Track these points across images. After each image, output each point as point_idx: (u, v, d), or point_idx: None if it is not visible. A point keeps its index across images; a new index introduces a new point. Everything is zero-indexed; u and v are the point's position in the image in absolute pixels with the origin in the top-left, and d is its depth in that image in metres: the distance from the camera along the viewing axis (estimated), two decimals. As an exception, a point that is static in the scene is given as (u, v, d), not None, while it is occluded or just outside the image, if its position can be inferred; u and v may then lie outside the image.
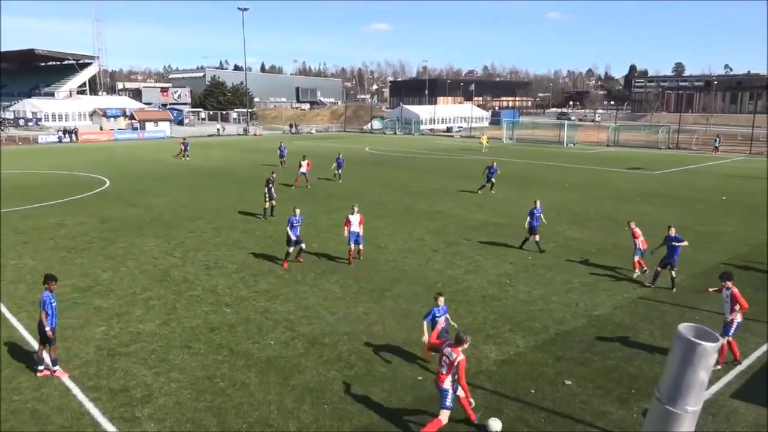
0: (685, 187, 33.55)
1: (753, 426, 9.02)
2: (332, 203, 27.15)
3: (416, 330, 12.45)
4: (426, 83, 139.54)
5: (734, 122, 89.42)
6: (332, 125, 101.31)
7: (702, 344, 2.48)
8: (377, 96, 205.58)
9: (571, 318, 13.33)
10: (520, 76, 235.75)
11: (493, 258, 18.14)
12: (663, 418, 2.64)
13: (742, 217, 24.62)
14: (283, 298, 14.47)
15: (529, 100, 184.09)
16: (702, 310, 13.87)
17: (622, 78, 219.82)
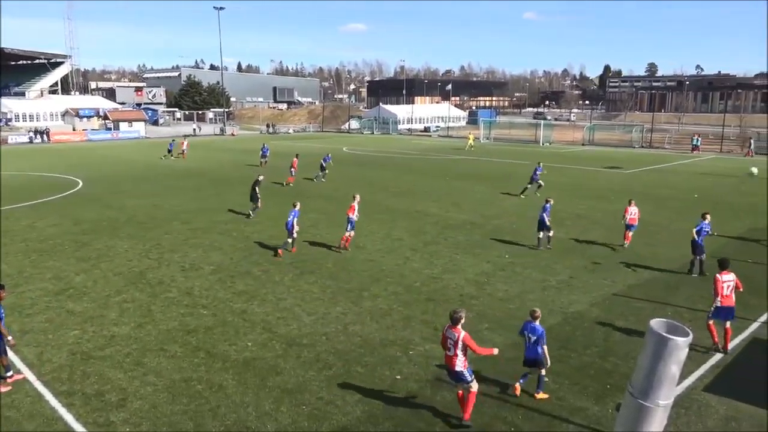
0: (658, 186, 34.11)
1: (723, 419, 9.21)
2: (310, 204, 27.04)
3: (394, 329, 12.48)
4: (403, 83, 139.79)
5: (705, 121, 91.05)
6: (310, 125, 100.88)
7: (673, 339, 2.52)
8: (355, 96, 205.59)
9: (548, 315, 13.44)
10: (496, 76, 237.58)
11: (471, 257, 18.24)
12: (635, 412, 2.69)
13: (713, 215, 25.03)
14: (260, 299, 14.37)
15: (506, 100, 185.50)
16: (674, 305, 14.11)
17: (596, 78, 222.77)
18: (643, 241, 20.33)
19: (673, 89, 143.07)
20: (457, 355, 8.66)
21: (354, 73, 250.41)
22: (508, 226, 22.68)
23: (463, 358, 8.70)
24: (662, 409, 2.54)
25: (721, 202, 28.43)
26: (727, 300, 11.69)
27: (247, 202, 24.87)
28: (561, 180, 36.14)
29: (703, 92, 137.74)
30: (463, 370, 8.74)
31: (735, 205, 27.38)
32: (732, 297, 11.74)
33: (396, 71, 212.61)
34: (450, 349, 8.72)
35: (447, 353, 8.80)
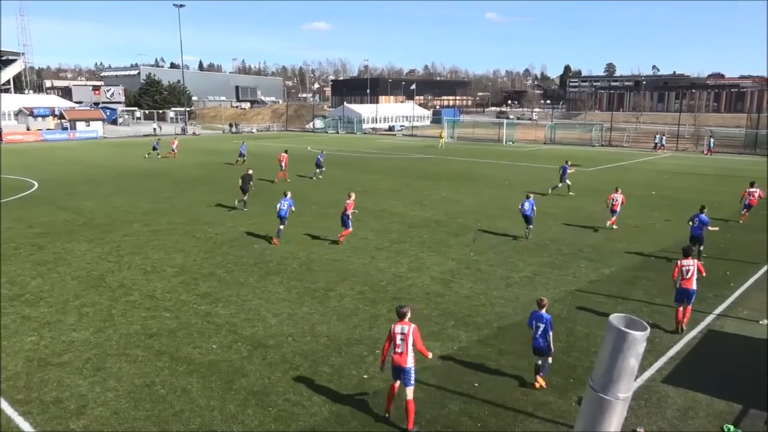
0: (617, 183, 34.85)
1: (682, 409, 9.49)
2: (274, 203, 26.79)
3: (361, 328, 12.48)
4: (368, 82, 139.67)
5: (662, 120, 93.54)
6: (273, 124, 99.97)
7: (631, 333, 2.59)
8: (319, 95, 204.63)
9: (512, 312, 13.66)
10: (460, 75, 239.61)
11: (436, 255, 18.37)
12: (596, 406, 2.75)
13: (669, 211, 25.86)
14: (225, 301, 14.19)
15: (469, 99, 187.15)
16: (634, 300, 14.49)
17: (557, 78, 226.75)
18: (604, 237, 20.81)
19: (630, 89, 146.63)
20: (408, 351, 8.71)
21: (318, 72, 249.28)
22: (473, 224, 22.91)
23: (413, 354, 8.76)
24: (622, 402, 2.62)
25: (678, 198, 29.29)
26: (686, 283, 12.52)
27: (208, 200, 24.52)
28: (524, 178, 36.67)
29: (659, 92, 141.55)
30: (412, 367, 8.76)
31: (692, 202, 28.21)
32: (692, 281, 12.53)
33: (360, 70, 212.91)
34: (400, 346, 8.72)
35: (396, 350, 8.74)
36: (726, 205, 26.76)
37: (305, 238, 20.39)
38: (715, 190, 32.07)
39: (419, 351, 8.85)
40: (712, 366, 11.08)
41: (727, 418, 9.23)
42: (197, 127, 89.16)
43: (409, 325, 8.81)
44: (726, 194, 29.13)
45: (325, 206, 26.24)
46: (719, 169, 42.91)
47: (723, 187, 32.77)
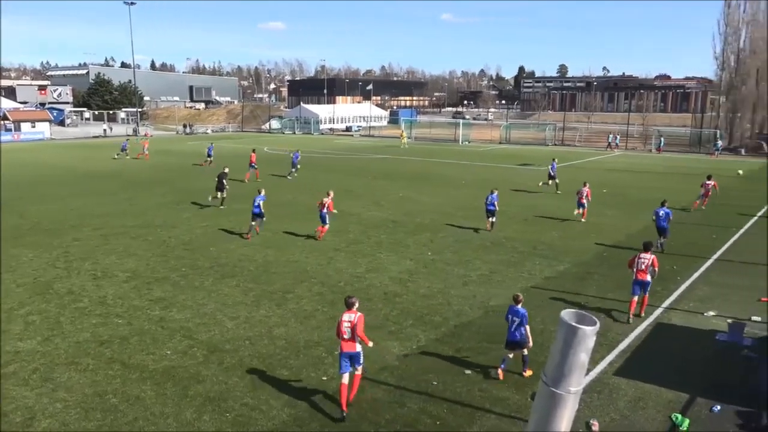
0: (570, 182, 35.70)
1: (633, 400, 9.78)
2: (232, 206, 26.42)
3: (319, 330, 12.41)
4: (324, 83, 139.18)
5: (612, 120, 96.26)
6: (229, 125, 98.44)
7: (582, 328, 2.66)
8: (275, 95, 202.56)
9: (470, 310, 13.82)
10: (416, 76, 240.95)
11: (394, 255, 18.43)
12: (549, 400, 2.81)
13: (620, 208, 26.64)
14: (179, 305, 13.90)
15: (426, 100, 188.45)
16: (586, 295, 14.85)
17: (511, 78, 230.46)
18: (557, 234, 21.27)
19: (582, 89, 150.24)
20: (355, 338, 9.22)
21: (274, 72, 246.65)
22: (430, 223, 23.08)
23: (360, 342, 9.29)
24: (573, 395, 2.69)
25: (629, 195, 30.17)
26: (641, 275, 13.23)
27: (162, 202, 23.98)
28: (479, 177, 37.14)
29: (609, 92, 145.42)
30: (360, 351, 9.34)
31: (641, 199, 29.13)
32: (646, 273, 13.20)
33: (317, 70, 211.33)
34: (347, 333, 9.23)
35: (344, 337, 9.25)
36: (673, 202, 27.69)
37: (262, 240, 20.15)
38: (664, 186, 33.13)
39: (359, 336, 9.24)
40: (660, 357, 11.45)
41: (675, 407, 9.55)
42: (150, 128, 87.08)
43: (356, 313, 9.40)
44: (673, 191, 30.12)
45: (280, 207, 26.01)
46: (666, 167, 44.42)
47: (671, 184, 33.91)
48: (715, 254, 18.80)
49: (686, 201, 27.34)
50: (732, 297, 14.78)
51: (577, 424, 8.86)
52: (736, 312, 13.65)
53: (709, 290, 15.34)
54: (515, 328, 10.35)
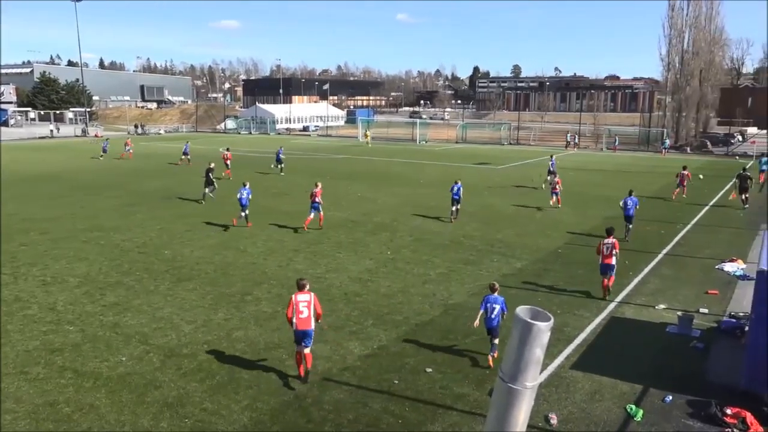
0: (526, 180, 36.42)
1: (589, 393, 10.05)
2: (185, 208, 25.95)
3: (279, 332, 12.32)
4: (280, 82, 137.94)
5: (564, 119, 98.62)
6: (182, 125, 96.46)
7: (536, 324, 2.73)
8: (230, 95, 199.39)
9: (429, 308, 13.95)
10: (373, 75, 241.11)
11: (354, 255, 18.43)
12: (506, 396, 2.87)
13: (574, 206, 27.28)
14: (134, 310, 13.57)
15: (383, 100, 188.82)
16: (544, 291, 15.18)
17: (467, 78, 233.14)
18: (514, 232, 21.66)
19: (535, 90, 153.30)
20: (311, 316, 10.06)
21: (228, 72, 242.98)
22: (389, 223, 23.17)
23: (313, 318, 10.11)
24: (530, 390, 2.75)
25: (580, 193, 30.94)
26: (606, 259, 14.48)
27: (114, 205, 23.35)
28: (437, 177, 37.48)
29: (561, 92, 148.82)
30: (313, 329, 10.16)
31: (592, 196, 29.93)
32: (611, 257, 14.42)
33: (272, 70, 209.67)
34: (303, 312, 10.01)
35: (300, 316, 9.99)
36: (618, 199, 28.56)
37: (220, 242, 19.86)
38: (614, 184, 34.10)
39: (318, 314, 10.22)
40: (615, 350, 11.80)
41: (629, 398, 9.87)
42: (99, 128, 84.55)
43: (309, 293, 10.20)
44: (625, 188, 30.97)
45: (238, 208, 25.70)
46: (618, 165, 45.74)
47: (622, 182, 34.88)
48: (664, 249, 19.47)
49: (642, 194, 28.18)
50: (681, 290, 15.35)
51: (536, 418, 9.08)
52: (685, 304, 14.19)
53: (659, 284, 15.89)
54: (495, 315, 10.90)
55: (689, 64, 63.69)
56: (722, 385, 10.24)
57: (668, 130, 62.37)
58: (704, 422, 9.16)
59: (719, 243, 20.42)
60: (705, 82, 65.71)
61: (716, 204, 28.48)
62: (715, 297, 14.82)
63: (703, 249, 19.53)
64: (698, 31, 63.37)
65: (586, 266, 17.31)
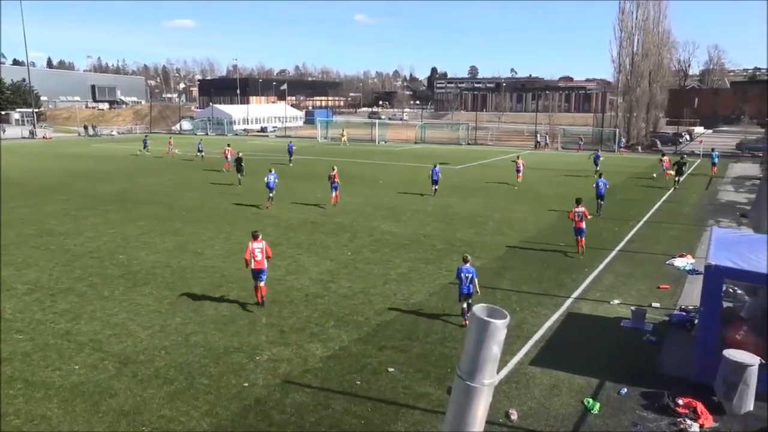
0: (483, 179, 36.90)
1: (548, 388, 10.26)
2: (140, 210, 25.34)
3: (239, 335, 12.16)
4: (237, 82, 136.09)
5: (521, 120, 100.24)
6: (136, 126, 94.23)
7: (493, 322, 2.78)
8: (185, 95, 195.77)
9: (391, 308, 13.98)
10: (331, 76, 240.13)
11: (314, 256, 18.34)
12: (464, 394, 2.92)
13: (530, 204, 27.79)
14: (87, 317, 13.18)
15: (341, 100, 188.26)
16: (502, 289, 15.41)
17: (425, 79, 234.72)
18: (473, 231, 21.92)
19: (492, 90, 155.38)
20: (263, 259, 13.56)
21: (183, 72, 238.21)
22: (349, 223, 23.14)
23: (266, 260, 13.67)
24: (488, 387, 2.81)
25: (537, 191, 31.53)
26: (578, 224, 18.39)
27: (64, 209, 22.62)
28: (396, 177, 37.62)
29: (517, 93, 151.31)
30: (266, 267, 13.71)
31: (548, 195, 30.54)
32: (582, 222, 18.38)
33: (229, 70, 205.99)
34: (258, 256, 13.51)
35: (256, 259, 13.47)
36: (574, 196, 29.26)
37: (176, 246, 19.48)
38: (571, 181, 34.87)
39: (268, 255, 13.82)
40: (572, 346, 12.07)
41: (586, 392, 10.11)
42: (48, 129, 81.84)
43: (262, 242, 13.77)
44: (581, 185, 31.74)
45: (193, 211, 25.28)
46: (573, 164, 46.70)
47: (577, 180, 35.69)
48: (618, 246, 20.01)
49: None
50: (634, 285, 15.81)
51: (497, 414, 9.21)
52: (638, 299, 14.62)
53: (613, 280, 16.33)
54: (468, 282, 12.69)
55: (639, 65, 65.66)
56: (674, 377, 10.60)
57: (620, 129, 64.07)
58: (658, 413, 9.46)
59: (669, 239, 21.12)
60: (654, 83, 67.88)
61: (666, 200, 29.44)
62: (666, 291, 15.32)
63: (655, 245, 20.15)
64: (647, 33, 65.37)
65: (543, 263, 17.68)
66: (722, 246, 11.17)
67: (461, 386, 2.86)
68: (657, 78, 68.40)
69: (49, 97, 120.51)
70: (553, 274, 16.67)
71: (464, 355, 2.87)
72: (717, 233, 12.47)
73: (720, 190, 34.08)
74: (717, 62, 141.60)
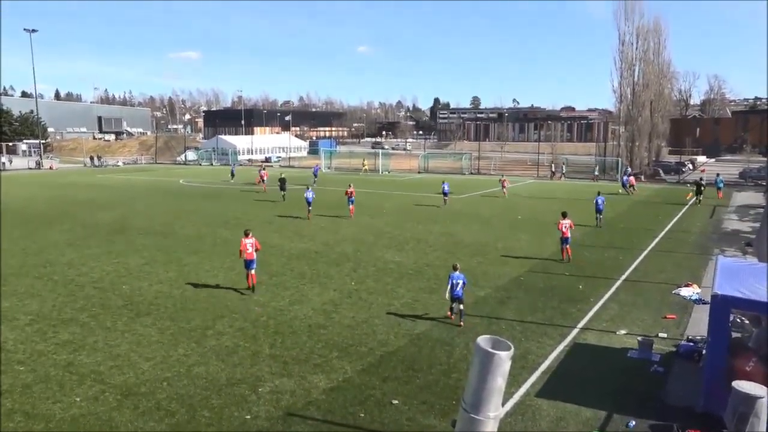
0: (486, 209, 36.93)
1: (554, 420, 10.09)
2: (141, 241, 25.37)
3: (241, 367, 12.04)
4: (242, 113, 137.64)
5: (523, 149, 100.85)
6: (141, 157, 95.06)
7: (497, 354, 2.75)
8: (191, 126, 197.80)
9: (395, 338, 13.86)
10: (335, 106, 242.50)
11: (317, 286, 18.27)
12: (469, 427, 2.87)
13: (533, 234, 27.73)
14: (89, 348, 13.09)
15: (345, 130, 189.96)
16: (506, 319, 15.28)
17: (428, 109, 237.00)
18: (476, 260, 21.83)
19: (494, 120, 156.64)
20: (254, 251, 17.17)
21: (189, 103, 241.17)
22: (352, 253, 23.10)
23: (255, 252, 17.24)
24: (493, 420, 2.76)
25: (540, 220, 31.49)
26: (565, 233, 21.37)
27: (67, 239, 22.65)
28: (399, 206, 37.67)
29: (519, 123, 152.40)
30: (255, 258, 17.30)
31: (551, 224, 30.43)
32: (568, 231, 21.37)
33: (233, 101, 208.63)
34: (249, 249, 17.11)
35: (248, 251, 17.14)
36: (577, 227, 29.22)
37: (179, 276, 19.45)
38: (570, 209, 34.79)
39: (257, 248, 17.41)
40: (578, 377, 11.90)
41: (594, 424, 9.94)
42: (55, 160, 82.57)
43: (252, 237, 17.37)
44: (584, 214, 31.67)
45: (195, 241, 25.30)
46: (572, 192, 46.75)
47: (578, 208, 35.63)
48: (623, 275, 19.88)
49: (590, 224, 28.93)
50: (640, 315, 15.66)
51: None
52: (645, 329, 14.47)
53: (619, 309, 16.18)
54: (459, 288, 14.39)
55: (640, 96, 66.16)
56: (683, 408, 10.42)
57: (622, 158, 64.05)
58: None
59: (674, 268, 20.98)
60: (655, 112, 68.25)
61: (671, 229, 29.36)
62: (672, 321, 15.17)
63: (660, 274, 20.03)
64: (647, 64, 66.06)
65: (548, 293, 17.56)
66: (728, 275, 11.10)
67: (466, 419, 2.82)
68: (658, 108, 68.83)
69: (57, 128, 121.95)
70: (557, 304, 16.54)
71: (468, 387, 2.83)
72: (722, 262, 12.39)
73: (724, 218, 34.00)
74: (718, 92, 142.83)
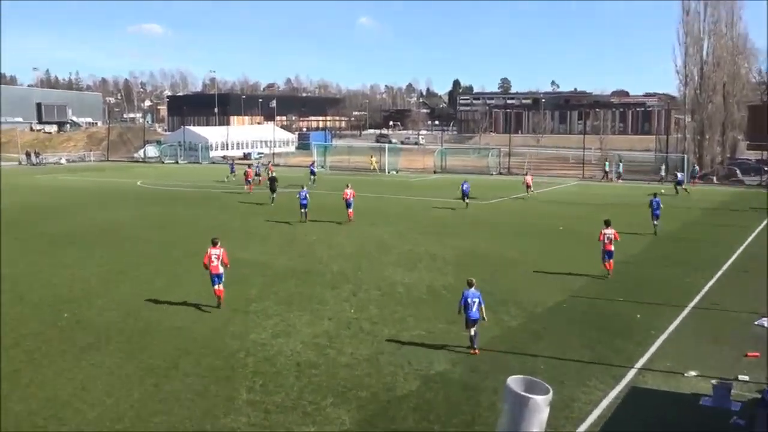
0: (517, 217, 36.84)
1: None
2: (89, 256, 25.41)
3: (212, 416, 11.94)
4: (215, 99, 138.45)
5: (565, 143, 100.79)
6: (90, 152, 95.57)
7: (533, 398, 2.65)
8: (152, 115, 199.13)
9: (404, 380, 13.75)
10: (330, 91, 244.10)
11: (307, 314, 18.22)
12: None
13: (578, 249, 27.49)
14: (21, 391, 13.03)
15: (343, 120, 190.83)
16: (542, 356, 15.14)
17: (445, 95, 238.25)
18: (505, 283, 21.69)
19: (529, 107, 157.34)
20: (219, 264, 18.35)
21: (150, 86, 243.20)
22: (351, 272, 23.06)
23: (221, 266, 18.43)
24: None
25: (586, 232, 31.28)
26: (607, 246, 21.98)
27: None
28: (409, 213, 37.63)
29: (560, 111, 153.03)
30: (222, 273, 18.49)
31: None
32: (611, 245, 21.93)
33: (205, 84, 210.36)
34: (214, 262, 18.33)
35: (212, 264, 18.32)
36: (632, 238, 29.03)
37: (138, 301, 19.43)
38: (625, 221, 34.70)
39: (224, 263, 18.50)
40: (638, 428, 11.75)
41: (656, 491, 9.78)
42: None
43: (220, 249, 18.58)
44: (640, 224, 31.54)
45: (154, 255, 25.29)
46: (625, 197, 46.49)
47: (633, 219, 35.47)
48: (692, 302, 19.70)
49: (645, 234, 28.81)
50: (714, 352, 15.49)
51: None
52: (721, 370, 14.27)
53: (687, 345, 16.01)
54: (475, 308, 14.67)
55: (710, 77, 65.95)
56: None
57: (688, 155, 63.26)
58: None
59: (756, 293, 20.74)
60: (730, 98, 67.79)
61: (752, 243, 29.15)
62: (756, 361, 14.98)
63: (738, 301, 19.83)
64: (718, 38, 65.90)
65: (596, 324, 17.41)
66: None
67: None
68: (733, 92, 68.46)
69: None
70: (609, 338, 16.39)
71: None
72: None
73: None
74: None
